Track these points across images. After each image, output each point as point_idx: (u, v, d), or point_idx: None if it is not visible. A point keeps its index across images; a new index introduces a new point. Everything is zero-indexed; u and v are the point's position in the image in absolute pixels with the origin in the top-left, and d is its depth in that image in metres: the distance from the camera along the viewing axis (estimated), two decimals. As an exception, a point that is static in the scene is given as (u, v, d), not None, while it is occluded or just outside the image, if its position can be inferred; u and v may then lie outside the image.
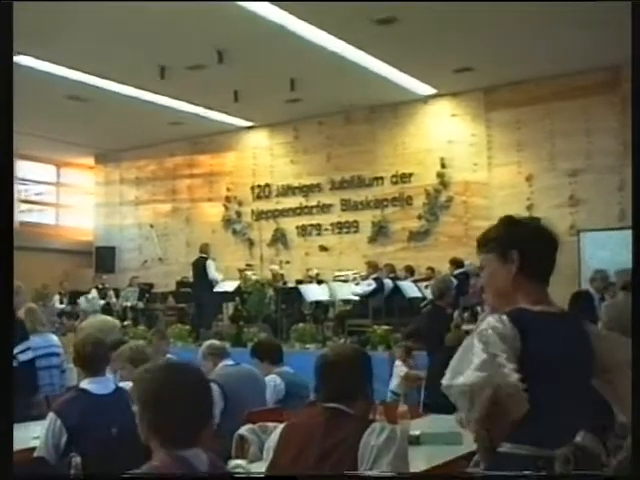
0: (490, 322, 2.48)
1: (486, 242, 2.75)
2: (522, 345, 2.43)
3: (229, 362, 6.06)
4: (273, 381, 6.15)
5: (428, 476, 3.59)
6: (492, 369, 2.33)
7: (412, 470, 3.12)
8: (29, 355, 6.61)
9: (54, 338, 7.51)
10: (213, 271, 14.02)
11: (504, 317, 2.48)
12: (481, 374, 2.33)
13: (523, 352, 2.43)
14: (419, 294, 12.70)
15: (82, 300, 15.65)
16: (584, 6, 10.30)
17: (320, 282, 14.11)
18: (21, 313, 6.99)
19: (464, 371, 2.37)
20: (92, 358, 4.24)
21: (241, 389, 5.66)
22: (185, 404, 2.43)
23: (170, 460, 2.38)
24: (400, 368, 8.82)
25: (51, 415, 4.03)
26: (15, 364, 6.28)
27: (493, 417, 2.30)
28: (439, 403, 3.19)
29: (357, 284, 12.91)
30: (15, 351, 6.45)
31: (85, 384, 4.19)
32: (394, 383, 8.73)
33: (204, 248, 14.31)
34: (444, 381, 2.42)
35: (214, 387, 5.52)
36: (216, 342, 6.61)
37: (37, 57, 12.49)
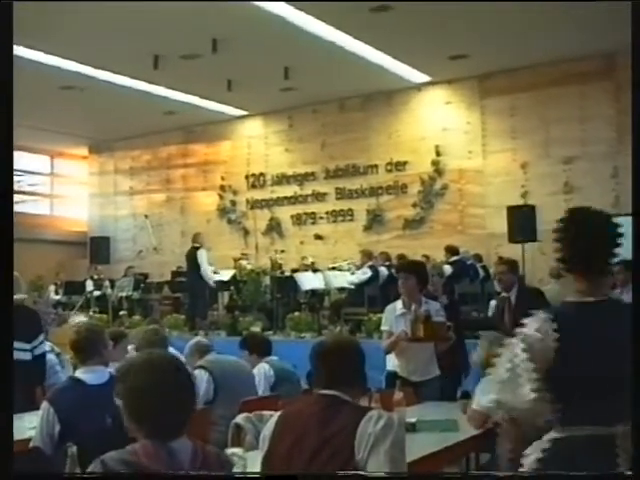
0: (526, 330, 2.66)
1: None
2: (560, 336, 2.60)
3: (214, 352, 6.18)
4: (263, 368, 6.24)
5: (428, 476, 3.59)
6: (510, 391, 2.55)
7: (408, 457, 3.12)
8: (43, 348, 6.67)
9: None
10: (205, 264, 13.81)
11: (544, 315, 2.66)
12: (498, 398, 2.56)
13: (561, 342, 2.59)
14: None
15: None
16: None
17: (315, 271, 14.10)
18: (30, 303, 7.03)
19: (490, 390, 2.66)
20: (86, 345, 4.22)
21: (231, 376, 5.73)
22: (165, 395, 2.44)
23: (153, 448, 2.40)
24: None
25: (45, 404, 4.02)
26: (30, 357, 6.36)
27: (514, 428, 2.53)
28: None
29: (352, 273, 12.90)
30: (34, 344, 6.53)
31: (79, 373, 4.18)
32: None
33: (196, 238, 14.23)
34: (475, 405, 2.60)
35: (202, 373, 5.58)
36: (202, 339, 6.74)
37: (30, 47, 12.42)
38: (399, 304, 6.31)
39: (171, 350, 6.25)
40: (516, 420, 2.50)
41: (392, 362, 6.40)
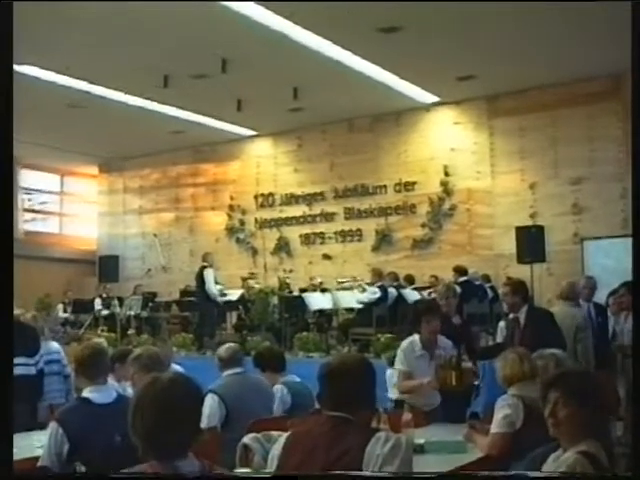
0: None
1: None
2: None
3: (236, 370, 5.88)
4: (280, 392, 6.04)
5: (429, 477, 3.58)
6: None
7: (416, 479, 3.12)
8: (40, 365, 6.71)
9: (55, 345, 7.58)
10: (211, 282, 13.79)
11: None
12: None
13: None
14: (422, 302, 12.64)
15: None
16: (586, 13, 10.33)
17: (324, 290, 14.10)
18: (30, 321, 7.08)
19: None
20: (92, 365, 4.23)
21: (245, 398, 5.57)
22: (165, 415, 2.45)
23: (160, 468, 2.42)
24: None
25: (53, 424, 4.02)
26: (34, 372, 6.41)
27: None
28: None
29: (363, 290, 12.86)
30: (36, 359, 6.57)
31: (87, 393, 4.18)
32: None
33: (206, 257, 14.28)
34: None
35: (213, 397, 5.49)
36: (229, 348, 6.14)
37: (41, 66, 12.53)
38: (417, 343, 6.05)
39: (177, 368, 6.22)
40: None
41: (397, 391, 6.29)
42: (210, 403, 5.44)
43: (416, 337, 6.08)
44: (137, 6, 10.06)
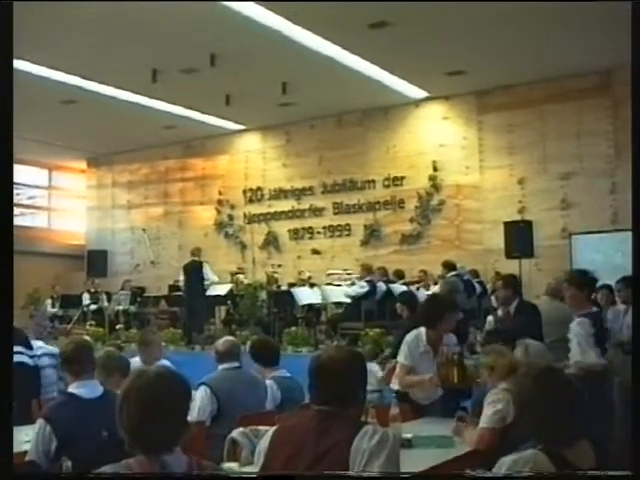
0: None
1: None
2: None
3: (232, 364, 5.78)
4: (270, 388, 5.93)
5: (426, 476, 3.58)
6: None
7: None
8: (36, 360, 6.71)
9: (39, 345, 7.52)
10: (211, 273, 14.03)
11: None
12: None
13: None
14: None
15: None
16: (577, 10, 10.34)
17: (312, 285, 14.09)
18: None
19: None
20: (77, 361, 4.21)
21: (238, 393, 5.51)
22: (152, 409, 2.47)
23: (147, 461, 2.43)
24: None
25: (40, 421, 3.98)
26: (32, 363, 6.39)
27: None
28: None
29: (352, 284, 12.86)
30: (30, 353, 6.55)
31: (73, 388, 4.16)
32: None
33: (196, 252, 14.29)
34: None
35: (205, 389, 5.46)
36: (226, 341, 6.02)
37: (30, 61, 12.45)
38: (422, 338, 5.81)
39: (166, 363, 6.20)
40: None
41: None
42: (202, 396, 5.40)
43: (422, 331, 5.86)
44: (126, 1, 10.03)
